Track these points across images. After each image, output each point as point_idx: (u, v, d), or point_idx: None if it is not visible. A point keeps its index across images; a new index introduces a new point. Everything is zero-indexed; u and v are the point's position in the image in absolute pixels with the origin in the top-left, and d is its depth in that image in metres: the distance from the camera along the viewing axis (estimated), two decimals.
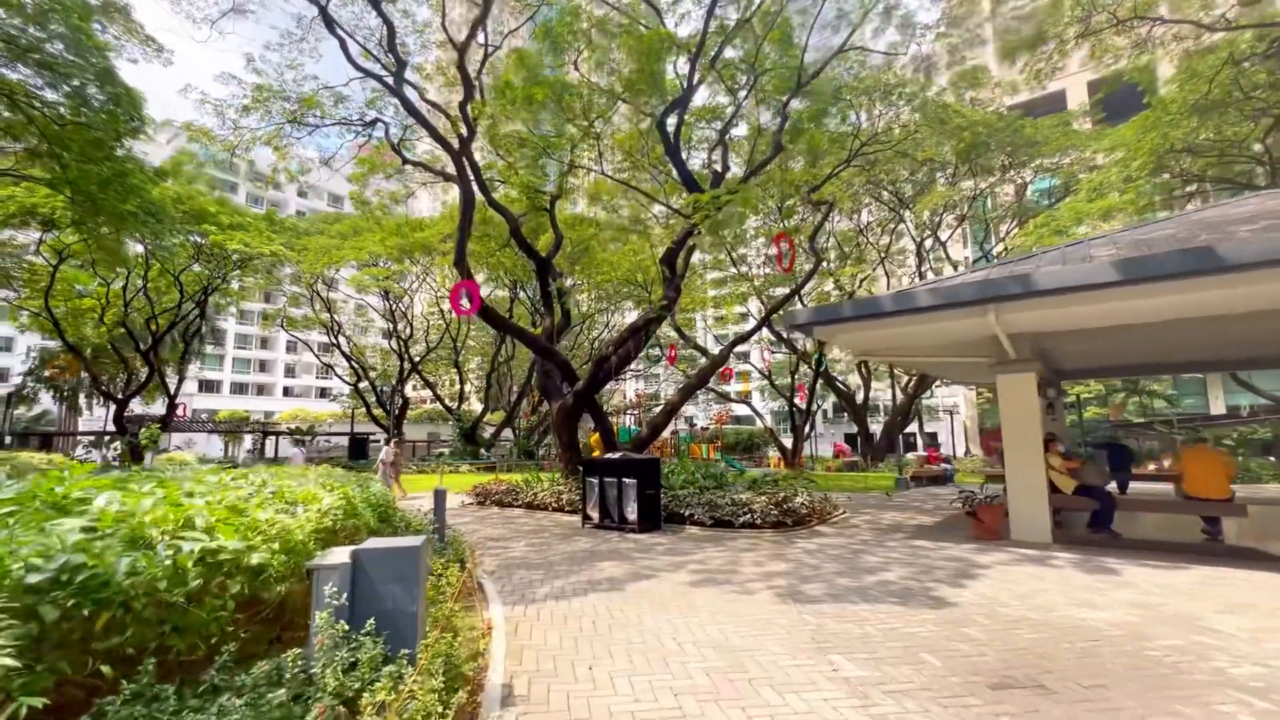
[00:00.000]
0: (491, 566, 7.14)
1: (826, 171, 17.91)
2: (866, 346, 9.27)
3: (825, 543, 8.48)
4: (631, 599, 5.61)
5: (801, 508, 10.07)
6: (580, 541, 8.77)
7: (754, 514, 9.56)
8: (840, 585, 6.02)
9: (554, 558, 7.61)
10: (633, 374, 49.08)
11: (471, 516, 11.68)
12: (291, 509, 3.56)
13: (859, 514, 11.77)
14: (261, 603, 2.86)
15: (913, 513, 11.96)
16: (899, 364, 11.34)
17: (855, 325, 8.02)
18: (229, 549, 2.55)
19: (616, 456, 9.98)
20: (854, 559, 7.31)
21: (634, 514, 9.55)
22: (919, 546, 8.12)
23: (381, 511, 5.54)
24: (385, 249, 25.25)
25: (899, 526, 10.01)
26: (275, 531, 2.93)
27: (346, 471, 7.89)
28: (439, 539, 6.47)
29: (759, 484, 11.47)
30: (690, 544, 8.48)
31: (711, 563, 7.18)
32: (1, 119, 16.70)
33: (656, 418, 14.62)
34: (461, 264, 11.67)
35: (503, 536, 9.27)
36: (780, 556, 7.52)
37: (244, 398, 66.10)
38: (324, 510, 3.60)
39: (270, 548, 2.81)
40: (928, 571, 6.59)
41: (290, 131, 12.65)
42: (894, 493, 16.74)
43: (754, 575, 6.50)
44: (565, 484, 12.63)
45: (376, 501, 5.28)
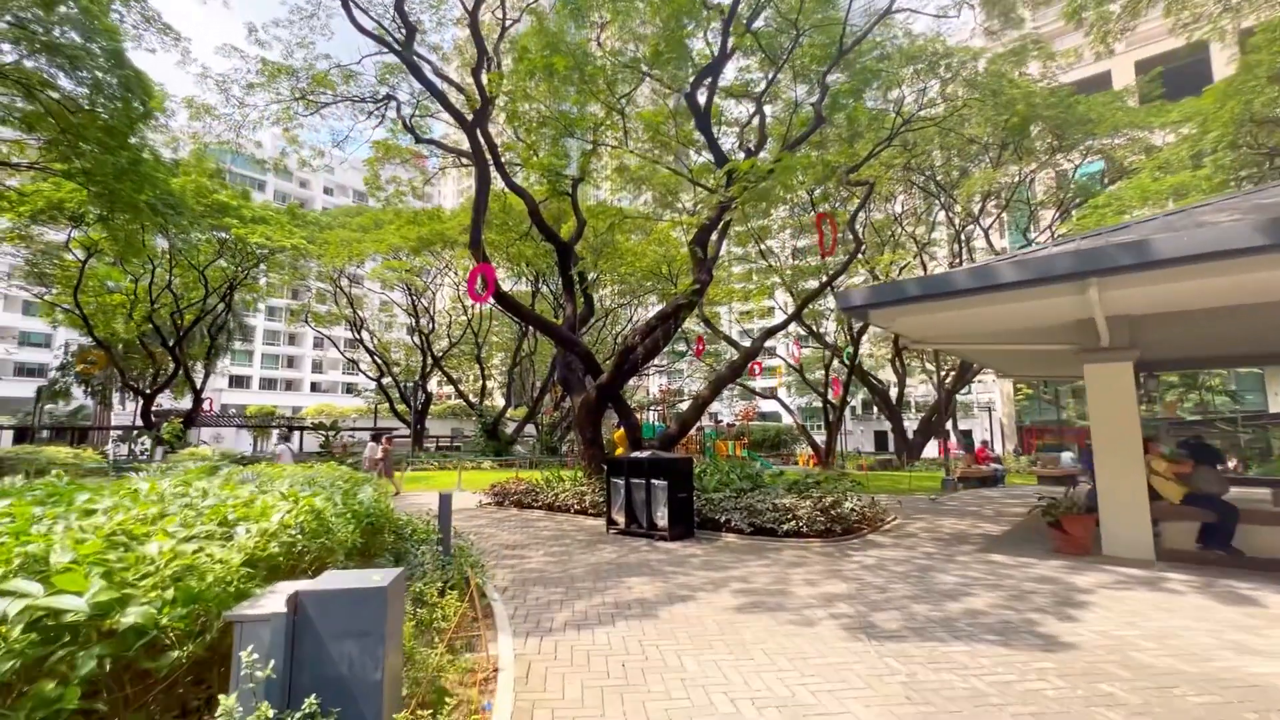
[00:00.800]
0: (504, 581, 6.27)
1: (866, 151, 16.67)
2: (929, 332, 8.15)
3: (884, 556, 7.41)
4: (667, 630, 4.66)
5: (851, 514, 8.99)
6: (605, 550, 7.86)
7: (799, 521, 8.53)
8: (920, 615, 4.98)
9: (576, 571, 6.70)
10: (656, 369, 48.08)
11: (487, 519, 10.87)
12: (227, 530, 2.69)
13: (911, 520, 10.63)
14: (155, 673, 1.98)
15: (971, 519, 10.77)
16: (960, 354, 10.18)
17: (921, 306, 6.92)
18: (75, 607, 1.67)
19: (644, 455, 9.04)
20: (925, 578, 6.24)
21: (664, 520, 8.60)
22: (996, 562, 7.01)
23: (371, 522, 4.69)
24: (404, 240, 24.70)
25: (963, 536, 8.87)
26: (172, 572, 2.05)
27: (341, 470, 7.12)
28: (443, 551, 5.61)
29: (800, 486, 10.41)
30: (729, 556, 7.49)
31: (757, 580, 6.19)
32: (18, 110, 16.50)
33: (686, 413, 13.64)
34: (477, 247, 10.85)
35: (519, 543, 8.41)
36: (836, 573, 6.48)
37: (272, 393, 66.96)
38: (268, 532, 2.72)
39: (161, 597, 1.93)
40: (1021, 597, 5.50)
41: (300, 110, 11.96)
42: (941, 495, 15.50)
43: (811, 599, 5.49)
44: (588, 484, 11.74)
45: (364, 511, 4.42)
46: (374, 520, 4.78)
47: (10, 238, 25.31)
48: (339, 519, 3.71)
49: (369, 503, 4.60)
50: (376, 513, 4.77)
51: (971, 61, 16.99)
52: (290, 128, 12.64)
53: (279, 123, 12.27)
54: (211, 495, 3.07)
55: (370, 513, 4.57)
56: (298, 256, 28.96)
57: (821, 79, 13.09)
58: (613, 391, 12.30)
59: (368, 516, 4.49)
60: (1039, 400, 45.76)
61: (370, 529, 4.64)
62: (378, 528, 5.05)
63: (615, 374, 11.78)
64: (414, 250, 25.89)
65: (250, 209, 27.73)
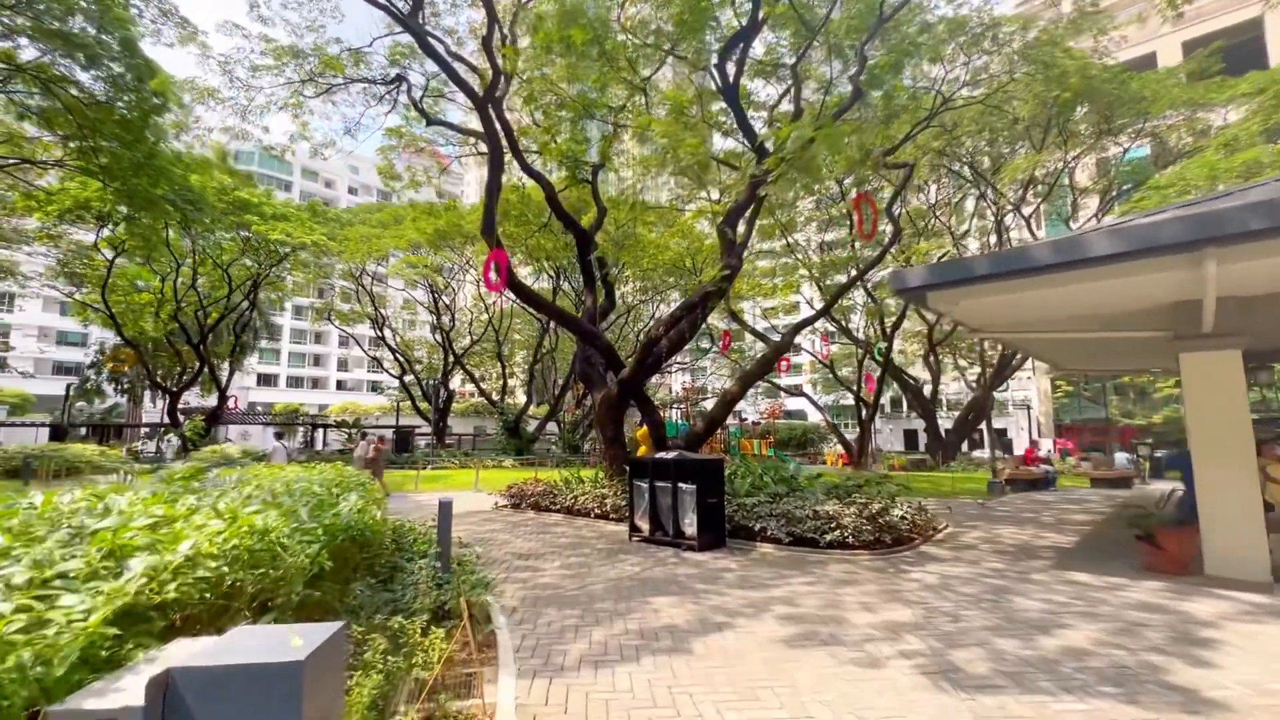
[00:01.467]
0: (514, 599, 5.54)
1: (903, 132, 15.58)
2: (995, 318, 7.19)
3: (946, 573, 6.49)
4: (703, 671, 3.86)
5: (901, 522, 8.07)
6: (627, 562, 7.08)
7: (843, 530, 7.63)
8: (1010, 654, 4.09)
9: (595, 587, 5.94)
10: (679, 366, 47.15)
11: (502, 523, 10.19)
12: (114, 567, 1.97)
13: (965, 528, 9.64)
14: None
15: (1032, 528, 9.73)
16: (1019, 343, 9.15)
17: (990, 287, 5.97)
18: None
19: (670, 456, 8.25)
20: (1002, 603, 5.32)
21: (692, 527, 7.80)
22: (1081, 583, 6.04)
23: (353, 537, 3.98)
24: (421, 233, 24.26)
25: (1030, 549, 7.88)
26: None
27: (338, 471, 6.47)
28: (441, 567, 4.90)
29: (842, 490, 9.50)
30: (767, 570, 6.65)
31: (803, 603, 5.35)
32: (36, 105, 16.39)
33: (713, 410, 12.79)
34: (490, 234, 10.16)
35: (534, 552, 7.68)
36: (894, 595, 5.60)
37: (299, 391, 67.81)
38: (168, 567, 2.00)
39: None
40: (1129, 632, 4.55)
41: (308, 94, 11.41)
42: (988, 498, 14.38)
43: (871, 628, 4.64)
44: (610, 486, 10.99)
45: (338, 525, 3.71)
46: (356, 534, 4.07)
47: (40, 237, 25.62)
48: (298, 539, 3.00)
49: (349, 514, 3.89)
50: (359, 525, 4.06)
51: (1022, 32, 15.76)
52: (299, 114, 12.10)
53: (287, 108, 11.74)
54: (115, 514, 2.37)
55: (349, 526, 3.86)
56: (318, 253, 28.84)
57: (859, 50, 12.10)
58: (635, 387, 11.52)
59: (345, 531, 3.78)
60: (1079, 398, 43.75)
61: (348, 546, 3.94)
62: (362, 542, 4.35)
63: (638, 368, 10.99)
64: (431, 243, 25.44)
65: (271, 206, 27.68)
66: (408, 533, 6.70)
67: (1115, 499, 14.51)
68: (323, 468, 7.27)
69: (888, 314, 28.47)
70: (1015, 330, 7.81)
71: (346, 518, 3.85)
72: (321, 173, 75.75)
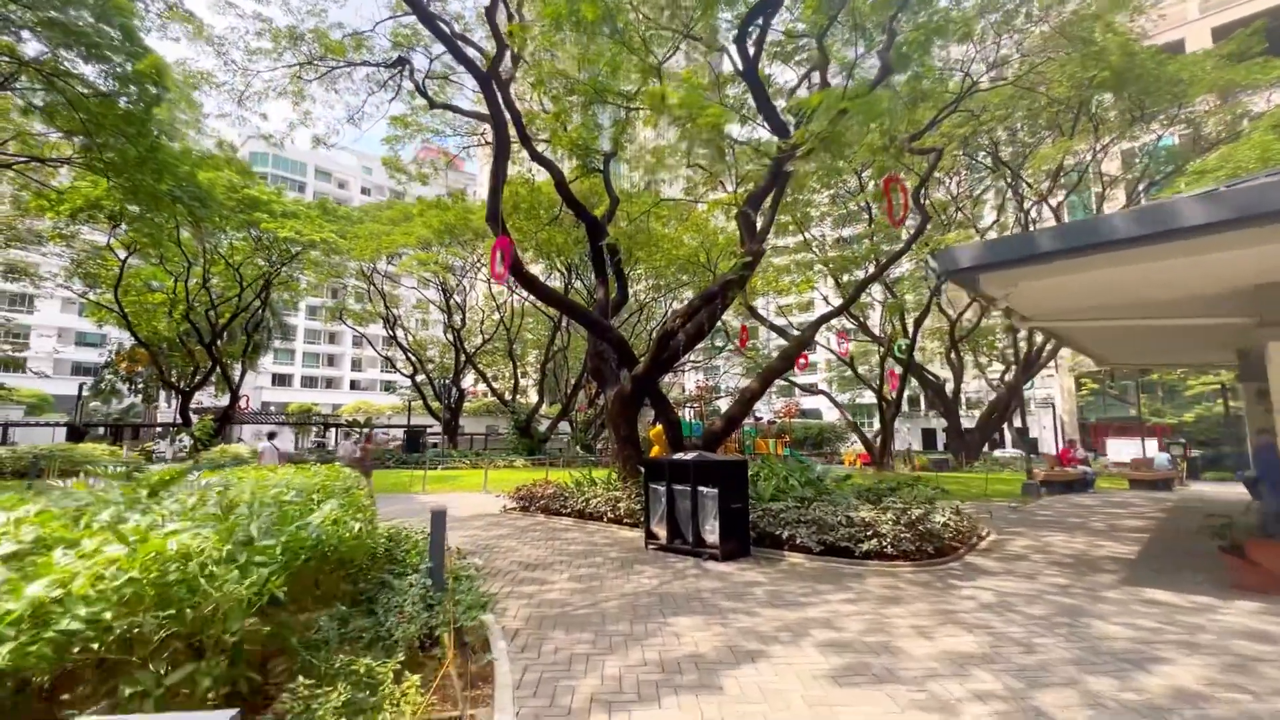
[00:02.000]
0: (517, 619, 4.92)
1: (928, 118, 14.80)
2: (1055, 303, 6.47)
3: (1003, 589, 5.77)
4: (738, 717, 3.21)
5: (943, 530, 7.34)
6: (643, 574, 6.44)
7: (881, 539, 6.93)
8: (1108, 697, 3.39)
9: (608, 605, 5.31)
10: (692, 365, 46.40)
11: (509, 528, 9.60)
12: None
13: (1009, 535, 8.88)
14: None
15: (1084, 535, 8.94)
16: (1074, 335, 8.33)
17: (1055, 266, 5.24)
18: None
19: (689, 457, 7.60)
20: (1078, 627, 4.61)
21: (714, 535, 7.14)
22: (1163, 603, 5.29)
23: (325, 552, 3.39)
24: (428, 227, 23.84)
25: (1089, 560, 7.12)
26: None
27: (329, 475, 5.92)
28: (433, 585, 4.29)
29: (874, 494, 8.78)
30: (799, 585, 5.98)
31: (846, 625, 4.67)
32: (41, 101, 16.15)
33: (732, 408, 12.12)
34: (495, 220, 9.58)
35: (541, 562, 7.07)
36: (949, 616, 4.91)
37: (313, 391, 68.04)
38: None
39: None
40: (1243, 668, 3.83)
41: (308, 76, 10.92)
42: (1025, 502, 13.55)
43: (932, 660, 3.95)
44: (623, 488, 10.35)
45: (304, 541, 3.11)
46: (330, 551, 3.48)
47: (52, 236, 25.59)
48: (246, 561, 2.41)
49: (316, 529, 3.29)
50: (332, 540, 3.47)
51: (1059, 5, 14.89)
52: (300, 101, 11.64)
53: (286, 94, 11.27)
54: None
55: (318, 543, 3.26)
56: (329, 251, 28.58)
57: (888, 25, 11.36)
58: (650, 383, 10.88)
59: (312, 549, 3.18)
60: (1103, 396, 42.42)
61: (319, 565, 3.35)
62: (339, 559, 3.76)
63: (653, 363, 10.35)
64: (439, 238, 25.00)
65: (281, 204, 27.46)
66: (403, 541, 6.10)
67: (1162, 502, 13.61)
68: (318, 470, 6.74)
69: (909, 309, 27.55)
70: (1071, 318, 7.05)
71: (315, 532, 3.25)
72: (335, 173, 76.08)
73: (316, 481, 5.18)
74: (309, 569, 3.27)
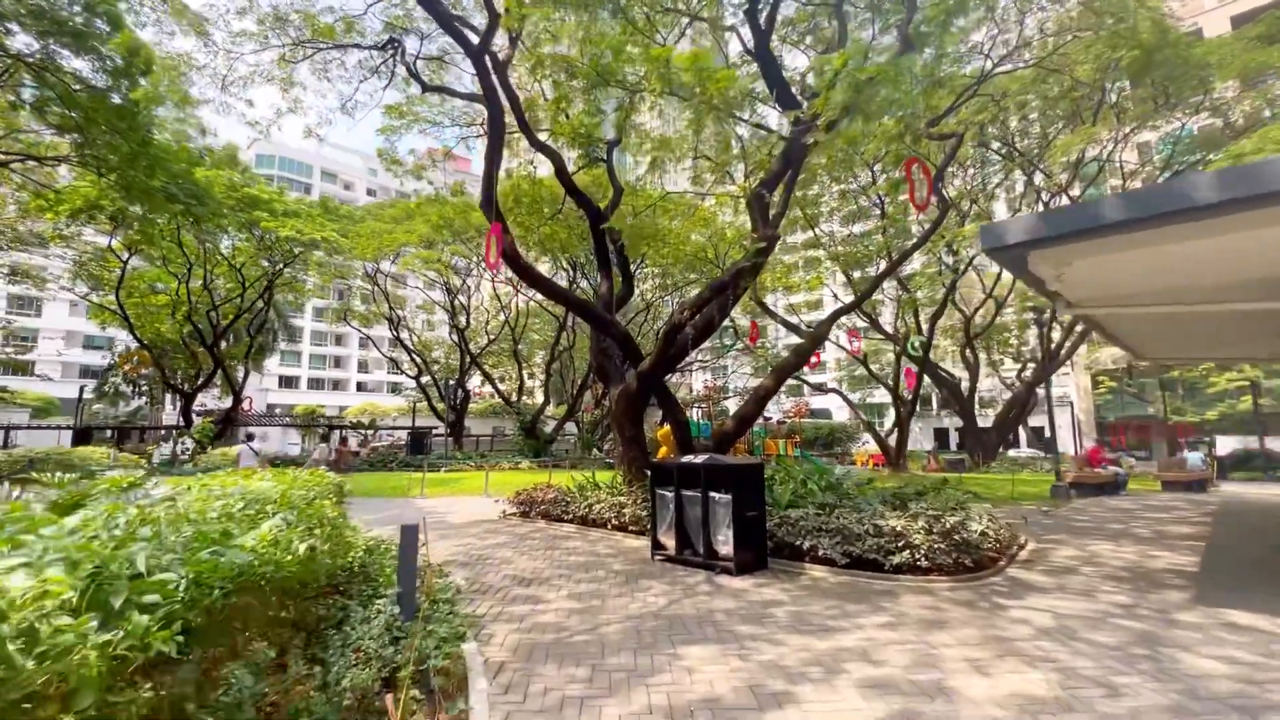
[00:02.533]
0: (504, 649, 4.27)
1: (946, 103, 14.08)
2: (1108, 286, 5.77)
3: (1058, 609, 5.07)
4: None
5: (982, 539, 6.64)
6: (650, 591, 5.79)
7: (914, 551, 6.24)
8: None
9: (609, 630, 4.66)
10: (699, 364, 45.67)
11: (507, 535, 8.98)
12: None
13: (1050, 544, 8.16)
14: None
15: (1131, 543, 8.20)
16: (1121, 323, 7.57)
17: (1121, 240, 4.55)
18: None
19: (700, 460, 6.94)
20: (1163, 660, 3.91)
21: (727, 545, 6.48)
22: (1252, 628, 4.57)
23: (262, 580, 2.77)
24: (429, 223, 23.33)
25: (1146, 574, 6.39)
26: None
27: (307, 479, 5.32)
28: (402, 614, 3.67)
29: (900, 499, 8.08)
30: (824, 603, 5.30)
31: (887, 657, 4.00)
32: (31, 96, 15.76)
33: (745, 407, 11.45)
34: (489, 205, 8.98)
35: (537, 576, 6.43)
36: (1006, 645, 4.22)
37: (320, 393, 67.89)
38: None
39: None
40: None
41: (297, 57, 10.36)
42: (1055, 505, 12.77)
43: (995, 704, 3.27)
44: (629, 493, 9.70)
45: (222, 572, 2.48)
46: (268, 578, 2.85)
47: (52, 237, 25.31)
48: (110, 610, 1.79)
49: (245, 553, 2.66)
50: (266, 565, 2.84)
51: None
52: (288, 87, 11.08)
53: (273, 80, 10.72)
54: None
55: (246, 570, 2.63)
56: (330, 251, 28.18)
57: None
58: (656, 381, 10.23)
59: (237, 578, 2.56)
60: (1121, 394, 41.39)
61: (251, 599, 2.72)
62: (288, 587, 3.14)
63: (660, 359, 9.69)
64: (438, 231, 24.46)
65: (283, 203, 27.08)
66: (381, 555, 5.51)
67: (1203, 505, 12.81)
68: (297, 474, 6.15)
69: (923, 305, 26.74)
70: (1123, 303, 6.34)
71: (243, 559, 2.62)
72: (341, 174, 76.02)
73: (278, 489, 4.56)
74: (238, 604, 2.65)
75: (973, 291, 30.10)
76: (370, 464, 27.81)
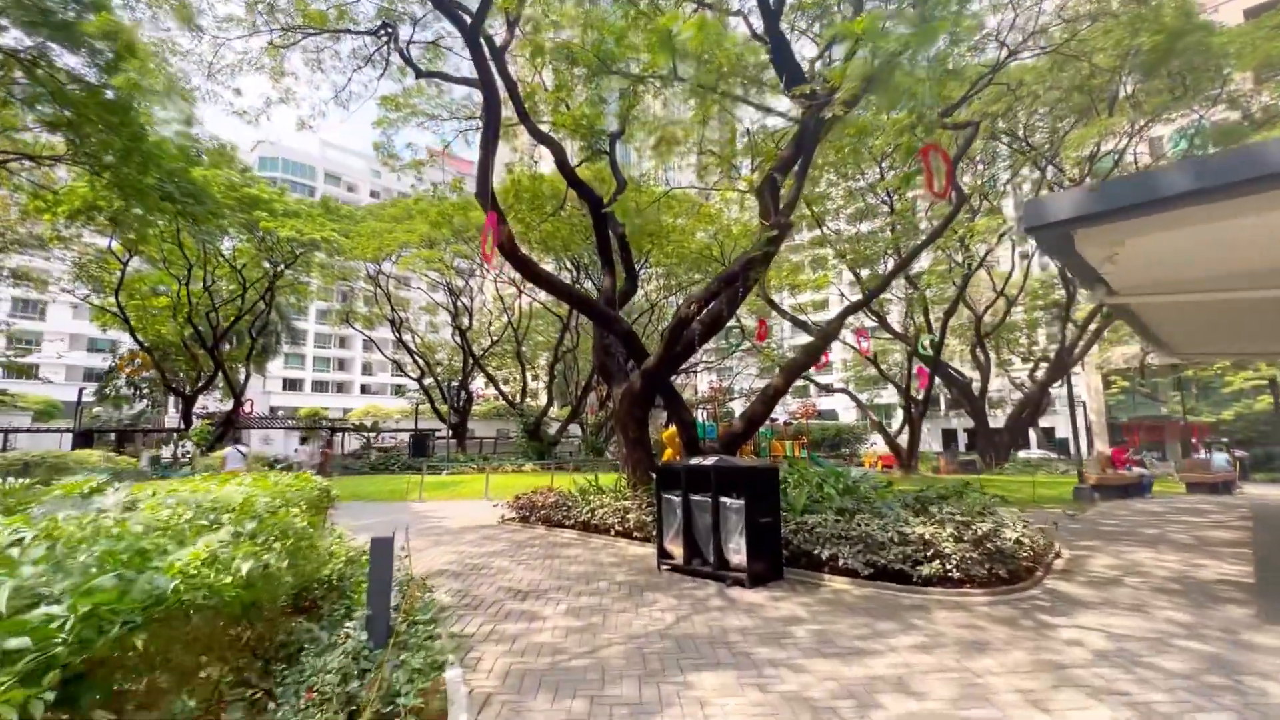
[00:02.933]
0: (492, 677, 3.78)
1: (959, 94, 13.59)
2: (1163, 270, 5.25)
3: (1110, 628, 4.55)
4: None
5: (1017, 548, 6.11)
6: (656, 605, 5.30)
7: (944, 561, 5.73)
8: None
9: (610, 651, 4.17)
10: (704, 365, 45.12)
11: (505, 542, 8.50)
12: None
13: (1081, 550, 7.62)
14: None
15: (1172, 550, 7.65)
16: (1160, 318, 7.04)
17: (1190, 213, 4.04)
18: None
19: (710, 462, 6.45)
20: (1249, 695, 3.38)
21: (740, 554, 5.98)
22: None
23: (191, 609, 2.30)
24: (428, 220, 22.95)
25: (1198, 585, 5.86)
26: None
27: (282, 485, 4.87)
28: (371, 641, 3.20)
29: (921, 502, 7.54)
30: (849, 620, 4.79)
31: (928, 689, 3.49)
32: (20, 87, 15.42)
33: (754, 406, 10.94)
34: (484, 193, 8.53)
35: (535, 588, 5.95)
36: (1062, 674, 3.70)
37: (324, 395, 67.69)
38: None
39: None
40: None
41: (286, 43, 9.94)
42: (1080, 508, 12.20)
43: None
44: (633, 497, 9.21)
45: (127, 603, 2.01)
46: (199, 605, 2.38)
47: (51, 238, 25.05)
48: None
49: (168, 579, 2.19)
50: (201, 589, 2.37)
51: None
52: (279, 77, 10.67)
53: (263, 68, 10.31)
54: None
55: (164, 598, 2.16)
56: (331, 251, 27.85)
57: None
58: (662, 379, 9.74)
59: (143, 610, 2.08)
60: (1133, 394, 40.67)
61: (170, 631, 2.25)
62: (231, 613, 2.66)
63: (665, 356, 9.20)
64: (436, 228, 24.08)
65: (283, 203, 26.75)
66: (364, 567, 5.02)
67: (1234, 508, 12.22)
68: (278, 478, 5.74)
69: (933, 303, 26.17)
70: (1172, 290, 5.81)
71: (161, 585, 2.15)
72: (344, 177, 75.94)
73: (243, 496, 4.10)
74: (155, 639, 2.18)
75: (981, 291, 29.55)
76: (374, 466, 27.46)
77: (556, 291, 11.09)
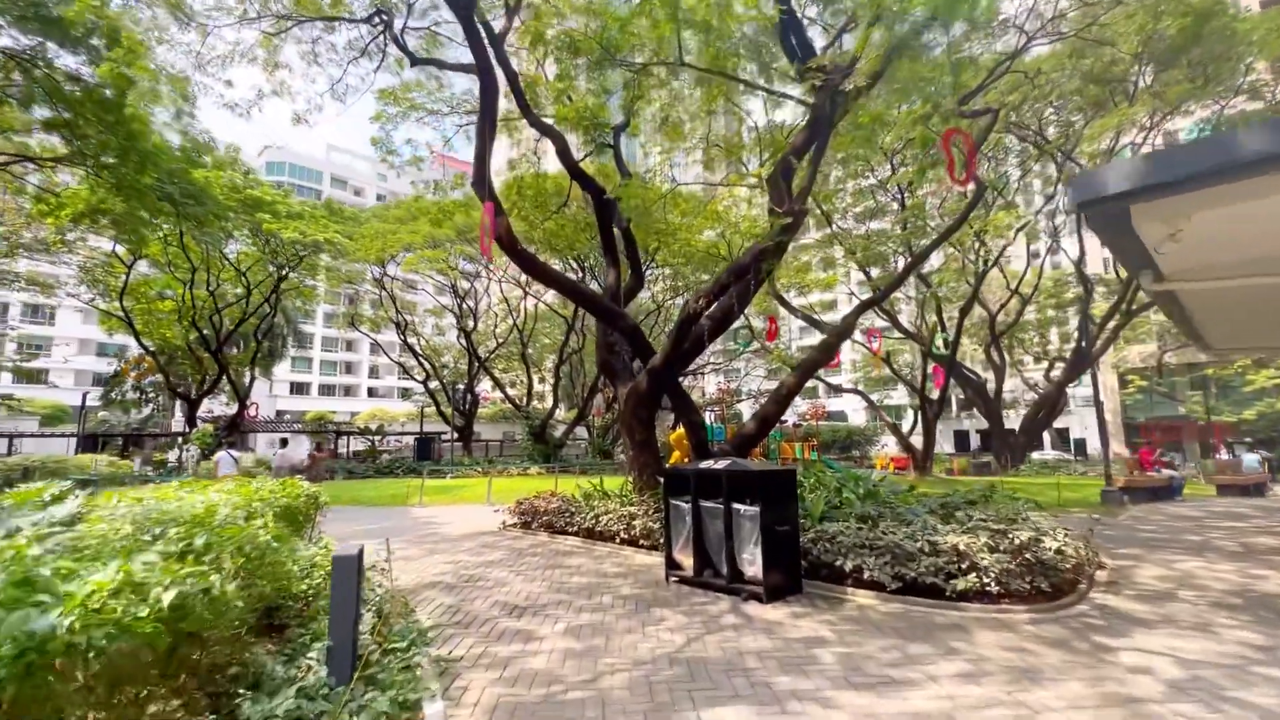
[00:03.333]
0: (477, 712, 3.31)
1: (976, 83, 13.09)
2: (1224, 251, 4.75)
3: (1177, 652, 4.03)
4: None
5: (1059, 559, 5.58)
6: (664, 624, 4.82)
7: (981, 573, 5.22)
8: None
9: (613, 679, 3.70)
10: (712, 366, 44.54)
11: (505, 551, 8.05)
12: None
13: (1125, 560, 7.07)
14: None
15: (1221, 558, 7.08)
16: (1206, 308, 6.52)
17: (1261, 183, 3.55)
18: None
19: (721, 465, 5.97)
20: None
21: (755, 566, 5.50)
22: None
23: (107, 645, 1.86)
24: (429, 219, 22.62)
25: (1260, 599, 5.32)
26: None
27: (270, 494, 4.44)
28: (332, 676, 2.75)
29: (947, 508, 7.02)
30: (879, 642, 4.30)
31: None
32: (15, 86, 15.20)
33: (766, 407, 10.46)
34: (481, 183, 8.12)
35: (532, 603, 5.49)
36: (1135, 710, 3.19)
37: (331, 399, 67.66)
38: None
39: None
40: None
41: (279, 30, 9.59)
42: (1114, 512, 11.61)
43: None
44: (639, 502, 8.74)
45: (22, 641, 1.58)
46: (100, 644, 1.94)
47: (55, 242, 24.96)
48: None
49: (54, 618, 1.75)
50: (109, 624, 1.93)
51: None
52: (272, 69, 10.32)
53: (255, 60, 9.97)
54: None
55: (45, 641, 1.72)
56: (335, 253, 27.63)
57: None
58: (669, 378, 9.27)
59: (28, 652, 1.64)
60: (1150, 393, 39.78)
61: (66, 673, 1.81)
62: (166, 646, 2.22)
63: (673, 353, 8.74)
64: (437, 225, 23.74)
65: (286, 205, 26.55)
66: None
67: (1273, 512, 11.59)
68: (261, 485, 5.34)
69: (946, 301, 25.53)
70: (1227, 275, 5.29)
71: (44, 625, 1.71)
72: (350, 180, 76.04)
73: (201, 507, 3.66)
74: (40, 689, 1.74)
75: (993, 290, 28.93)
76: (378, 470, 27.13)
77: (557, 286, 10.64)
